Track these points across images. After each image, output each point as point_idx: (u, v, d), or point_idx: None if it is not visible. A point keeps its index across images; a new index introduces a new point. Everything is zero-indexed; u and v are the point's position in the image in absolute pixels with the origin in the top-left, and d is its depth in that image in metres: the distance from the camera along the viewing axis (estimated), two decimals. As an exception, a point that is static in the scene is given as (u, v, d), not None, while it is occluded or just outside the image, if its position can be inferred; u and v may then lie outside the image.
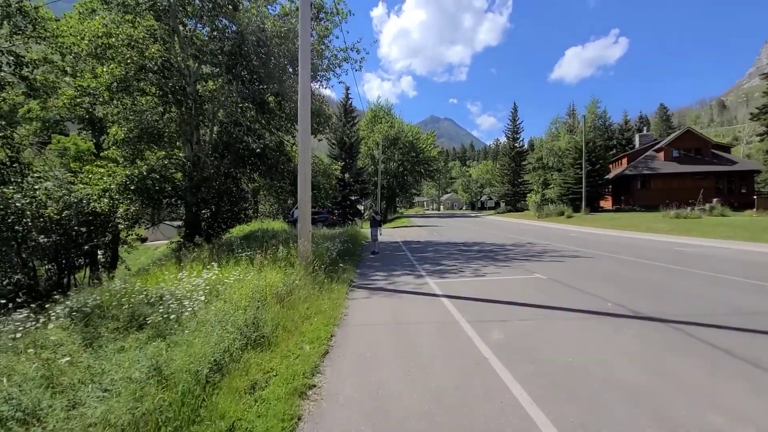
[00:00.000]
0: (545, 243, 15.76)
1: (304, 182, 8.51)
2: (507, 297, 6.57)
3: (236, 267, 8.14)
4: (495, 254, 12.40)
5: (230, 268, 8.19)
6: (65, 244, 15.44)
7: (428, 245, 16.22)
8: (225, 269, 8.29)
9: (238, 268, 8.02)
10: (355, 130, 40.55)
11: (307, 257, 8.29)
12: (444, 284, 7.85)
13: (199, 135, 16.83)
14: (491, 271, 9.29)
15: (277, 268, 7.73)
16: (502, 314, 5.53)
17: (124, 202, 16.09)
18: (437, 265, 10.53)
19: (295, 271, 7.55)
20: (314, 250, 9.27)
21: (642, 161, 40.30)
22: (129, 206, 16.66)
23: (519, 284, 7.68)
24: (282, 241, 10.89)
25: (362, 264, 11.19)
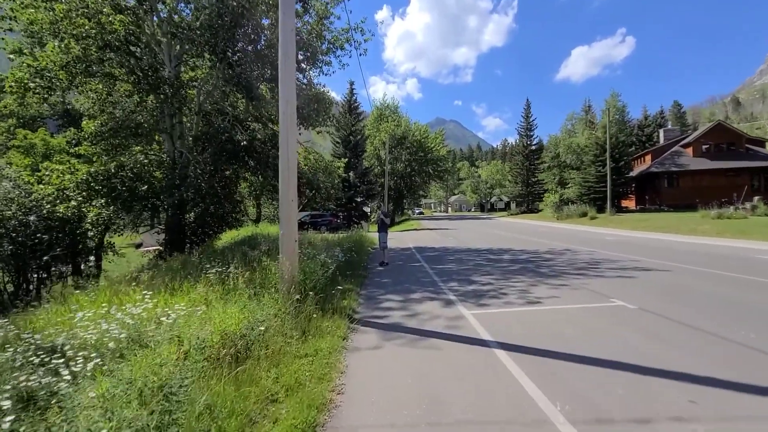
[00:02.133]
0: (587, 250, 13.20)
1: (287, 172, 6.12)
2: (601, 347, 4.10)
3: (188, 294, 5.77)
4: (536, 266, 9.90)
5: (181, 296, 5.82)
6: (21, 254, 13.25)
7: (447, 253, 13.75)
8: (177, 296, 5.94)
9: (189, 297, 5.67)
10: (360, 127, 38.20)
11: (291, 279, 5.89)
12: (487, 317, 5.39)
13: (183, 128, 14.61)
14: (544, 292, 6.80)
15: (244, 297, 5.35)
16: (629, 397, 3.05)
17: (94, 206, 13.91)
18: (467, 282, 8.06)
19: (270, 302, 5.17)
20: (304, 266, 6.87)
21: (668, 157, 37.42)
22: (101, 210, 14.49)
23: (601, 319, 5.20)
24: (266, 252, 8.52)
25: (368, 281, 8.76)
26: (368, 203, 38.08)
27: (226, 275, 6.86)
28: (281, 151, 6.18)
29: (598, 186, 36.74)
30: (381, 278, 9.04)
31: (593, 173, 37.40)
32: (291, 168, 6.18)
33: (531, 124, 54.18)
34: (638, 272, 8.58)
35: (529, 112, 54.27)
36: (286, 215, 6.14)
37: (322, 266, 7.51)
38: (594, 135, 39.10)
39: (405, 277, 8.98)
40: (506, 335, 4.58)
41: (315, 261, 7.54)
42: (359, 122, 38.41)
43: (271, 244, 10.99)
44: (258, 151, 12.91)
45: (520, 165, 54.49)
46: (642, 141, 51.39)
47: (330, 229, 28.82)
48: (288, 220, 6.14)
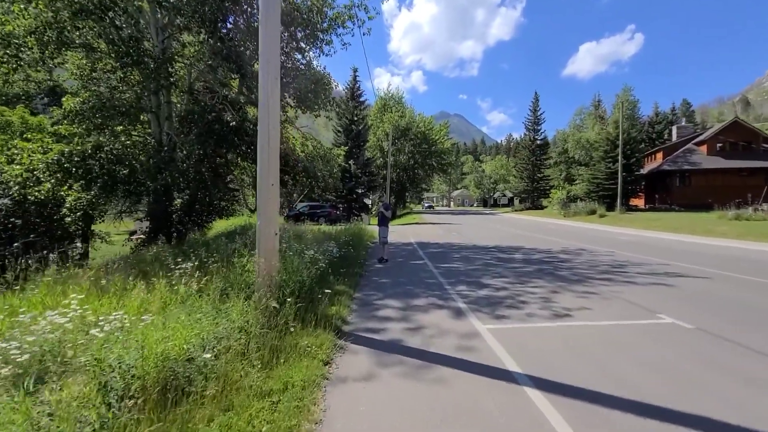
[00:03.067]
0: (605, 250, 12.11)
1: (268, 150, 5.02)
2: (677, 392, 3.03)
3: (141, 296, 4.73)
4: (554, 268, 8.81)
5: (131, 299, 4.77)
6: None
7: (452, 250, 12.67)
8: (127, 298, 4.90)
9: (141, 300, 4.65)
10: (362, 116, 36.88)
11: (268, 281, 4.84)
12: (508, 335, 4.32)
13: (171, 109, 13.51)
14: (572, 302, 5.73)
15: (208, 302, 4.32)
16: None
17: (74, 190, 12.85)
18: (478, 286, 6.98)
19: (239, 310, 4.13)
20: (287, 264, 5.81)
21: (681, 155, 36.12)
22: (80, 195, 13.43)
23: (657, 344, 4.12)
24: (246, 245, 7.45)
25: (365, 281, 7.70)
26: (369, 195, 36.94)
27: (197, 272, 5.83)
28: (260, 123, 5.08)
29: (607, 183, 35.53)
30: (379, 278, 7.98)
31: (603, 170, 36.17)
32: (272, 144, 5.08)
33: (539, 118, 52.71)
34: (673, 279, 7.49)
35: (537, 105, 52.78)
36: (264, 203, 5.05)
37: (309, 264, 6.45)
38: (605, 130, 37.78)
39: (406, 278, 7.91)
40: (538, 364, 3.52)
41: (301, 258, 6.47)
42: (362, 110, 37.06)
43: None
44: (249, 134, 11.78)
45: (525, 160, 53.14)
46: (652, 138, 50.02)
47: (329, 221, 27.74)
48: (266, 209, 5.05)
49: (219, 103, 11.86)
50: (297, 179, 14.97)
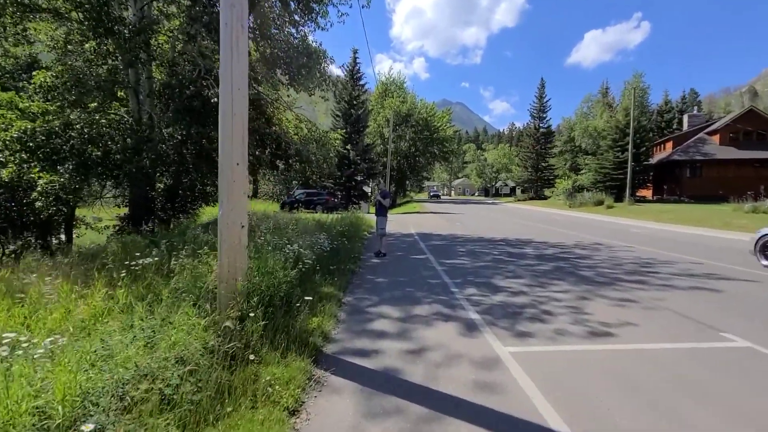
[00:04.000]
0: (623, 245, 11.06)
1: (231, 117, 3.93)
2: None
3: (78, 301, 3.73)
4: (573, 266, 7.75)
5: (61, 306, 3.76)
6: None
7: (456, 242, 11.62)
8: (54, 306, 3.89)
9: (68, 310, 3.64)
10: (362, 101, 35.43)
11: (231, 287, 3.81)
12: (539, 364, 3.29)
13: (152, 84, 12.33)
14: (608, 313, 4.68)
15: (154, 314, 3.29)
16: None
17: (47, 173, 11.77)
18: (490, 289, 5.94)
19: (190, 326, 3.11)
20: (261, 263, 4.76)
21: (692, 145, 34.86)
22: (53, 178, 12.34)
23: (745, 383, 3.08)
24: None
25: (358, 281, 6.65)
26: (369, 182, 35.78)
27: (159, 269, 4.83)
28: (222, 82, 3.99)
29: (615, 173, 34.37)
30: (375, 276, 6.93)
31: (611, 159, 34.96)
32: (238, 111, 3.98)
33: (544, 105, 51.13)
34: (716, 282, 6.45)
35: (543, 92, 51.12)
36: (227, 187, 3.97)
37: (291, 263, 5.40)
38: (614, 118, 36.41)
39: (407, 276, 6.87)
40: (589, 418, 2.49)
41: (282, 255, 5.42)
42: (362, 94, 35.60)
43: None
44: (233, 111, 10.63)
45: (529, 148, 51.76)
46: (661, 128, 48.66)
47: (326, 209, 26.65)
48: (231, 195, 3.97)
49: (200, 77, 10.66)
50: (290, 164, 13.84)
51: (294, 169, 14.84)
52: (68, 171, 11.45)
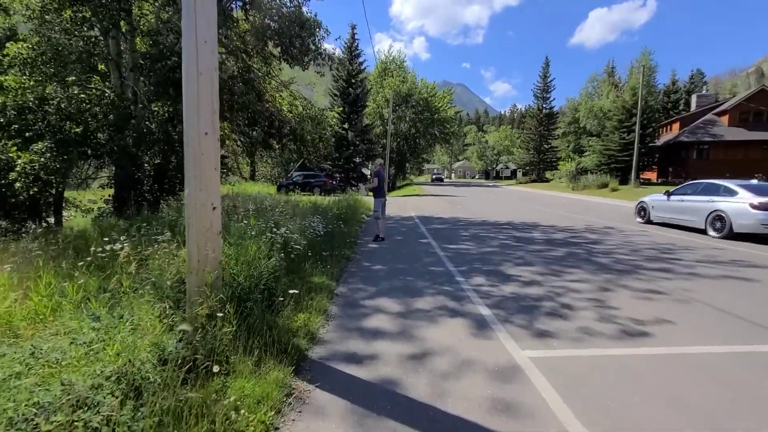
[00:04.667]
0: (636, 230, 10.47)
1: (197, 79, 3.26)
2: None
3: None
4: (588, 252, 7.15)
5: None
6: None
7: (459, 226, 11.02)
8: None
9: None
10: (361, 79, 34.23)
11: (199, 279, 3.23)
12: (569, 377, 2.73)
13: (135, 57, 11.49)
14: (636, 307, 4.12)
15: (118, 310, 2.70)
16: None
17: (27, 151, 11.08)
18: (499, 278, 5.36)
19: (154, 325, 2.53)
20: (241, 251, 4.16)
21: (701, 126, 33.91)
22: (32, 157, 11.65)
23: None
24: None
25: (353, 268, 6.07)
26: (368, 164, 34.98)
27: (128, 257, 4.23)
28: (185, 36, 3.30)
29: (620, 155, 33.54)
30: (372, 263, 6.35)
31: (616, 140, 34.05)
32: (204, 69, 3.31)
33: (548, 85, 49.72)
34: (747, 270, 5.88)
35: (547, 71, 49.63)
36: (194, 161, 3.33)
37: (278, 249, 4.81)
38: (620, 98, 35.30)
39: (407, 263, 6.28)
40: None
41: (268, 240, 4.81)
42: (360, 72, 34.37)
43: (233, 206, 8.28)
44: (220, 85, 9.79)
45: (532, 130, 50.63)
46: (667, 108, 47.42)
47: (323, 191, 25.99)
48: (198, 171, 3.33)
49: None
50: (284, 144, 13.11)
51: (289, 149, 14.11)
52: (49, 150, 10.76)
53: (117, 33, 10.93)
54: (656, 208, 11.50)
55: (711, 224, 9.55)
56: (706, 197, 9.89)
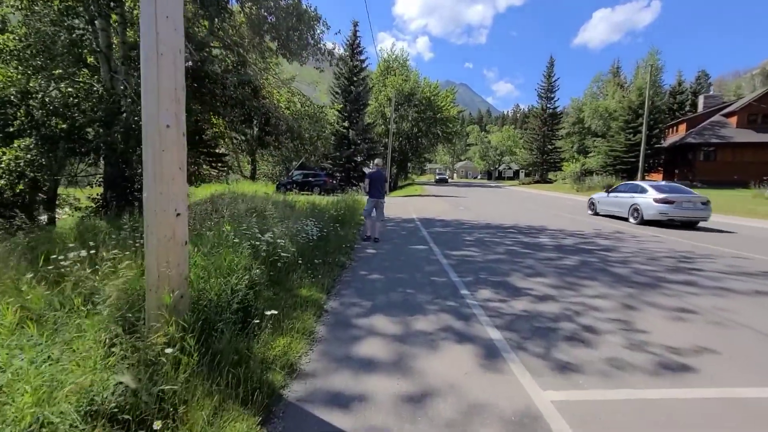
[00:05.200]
0: (648, 234, 9.92)
1: (156, 60, 2.74)
2: None
3: None
4: (602, 260, 6.61)
5: None
6: None
7: (462, 229, 10.49)
8: None
9: None
10: (363, 77, 33.69)
11: (157, 300, 2.71)
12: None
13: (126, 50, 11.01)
14: (669, 331, 3.58)
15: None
16: None
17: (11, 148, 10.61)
18: (508, 291, 4.82)
19: (97, 354, 1.98)
20: (216, 261, 3.66)
21: (708, 127, 33.30)
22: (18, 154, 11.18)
23: None
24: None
25: (347, 277, 5.54)
26: (369, 164, 34.45)
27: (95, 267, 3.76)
28: (142, 6, 2.78)
29: (626, 156, 32.97)
30: (369, 271, 5.82)
31: (622, 141, 33.48)
32: (166, 50, 2.80)
33: (552, 85, 49.06)
34: (781, 284, 5.33)
35: (551, 71, 48.97)
36: (153, 157, 2.82)
37: (258, 260, 4.29)
38: (627, 98, 34.70)
39: (406, 272, 5.75)
40: None
41: (246, 249, 4.29)
42: (362, 70, 33.80)
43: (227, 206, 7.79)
44: (212, 79, 9.29)
45: (536, 130, 49.98)
46: (673, 109, 46.74)
47: (324, 191, 25.50)
48: (158, 170, 2.82)
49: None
50: (280, 141, 12.61)
51: (286, 147, 13.60)
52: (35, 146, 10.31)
53: (107, 24, 10.44)
54: (600, 203, 14.32)
55: (631, 214, 12.35)
56: (630, 194, 12.74)
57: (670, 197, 11.34)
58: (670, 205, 11.23)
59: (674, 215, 11.25)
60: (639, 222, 11.92)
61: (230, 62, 10.84)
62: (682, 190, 12.10)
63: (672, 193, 11.56)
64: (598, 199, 14.58)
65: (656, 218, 11.45)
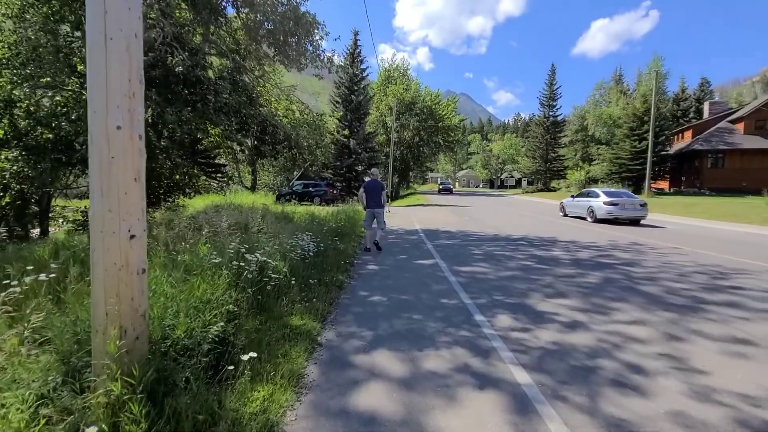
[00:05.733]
0: (668, 246, 9.30)
1: (104, 47, 2.21)
2: None
3: None
4: (628, 277, 5.98)
5: None
6: None
7: (469, 241, 9.89)
8: None
9: None
10: (363, 86, 33.41)
11: (101, 342, 2.12)
12: None
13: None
14: (732, 370, 2.96)
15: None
16: None
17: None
18: (529, 316, 4.22)
19: None
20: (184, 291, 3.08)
21: (716, 134, 32.78)
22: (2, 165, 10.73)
23: None
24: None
25: (347, 299, 4.94)
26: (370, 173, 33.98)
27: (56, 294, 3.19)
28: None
29: (631, 163, 32.41)
30: (370, 292, 5.23)
31: (627, 148, 32.95)
32: (117, 35, 2.25)
33: (555, 93, 48.78)
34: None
35: (553, 78, 48.74)
36: (100, 167, 2.26)
37: (241, 284, 3.72)
38: (631, 105, 34.28)
39: (411, 293, 5.15)
40: None
41: (224, 274, 3.72)
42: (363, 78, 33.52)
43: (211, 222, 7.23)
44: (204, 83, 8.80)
45: (539, 138, 49.58)
46: (677, 116, 46.30)
47: (325, 201, 24.98)
48: (106, 183, 2.25)
49: (164, 43, 8.85)
50: (277, 150, 12.11)
51: (284, 156, 13.10)
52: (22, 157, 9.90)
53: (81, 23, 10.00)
54: (568, 207, 17.21)
55: (588, 214, 15.09)
56: (587, 199, 15.60)
57: (615, 200, 14.14)
58: (616, 207, 13.96)
59: (618, 215, 13.93)
60: (594, 220, 14.66)
61: (225, 68, 10.38)
62: (626, 195, 15.17)
63: (617, 198, 14.36)
64: (566, 203, 17.49)
65: (605, 217, 14.11)
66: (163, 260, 3.85)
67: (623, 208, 13.93)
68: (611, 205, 13.94)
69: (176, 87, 8.75)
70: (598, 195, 14.90)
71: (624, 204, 14.00)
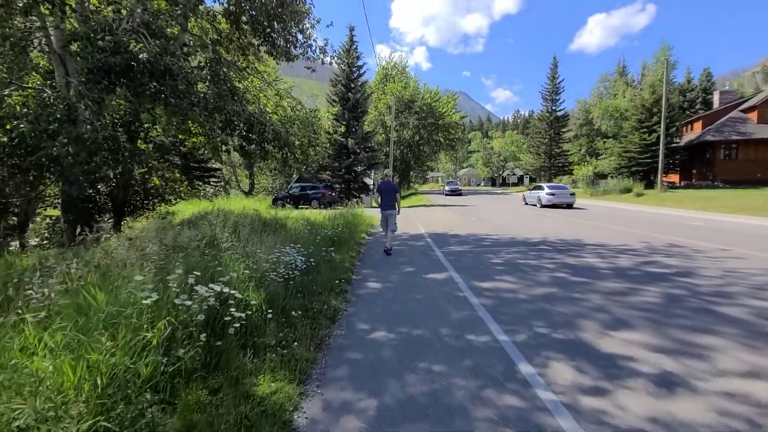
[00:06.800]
0: (711, 247, 8.07)
1: None
2: None
3: None
4: (691, 292, 4.76)
5: None
6: None
7: (483, 247, 8.67)
8: None
9: None
10: (361, 83, 32.25)
11: None
12: None
13: (65, 38, 9.43)
14: None
15: None
16: None
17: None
18: (600, 364, 3.02)
19: None
20: (77, 360, 1.86)
21: (728, 124, 31.50)
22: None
23: None
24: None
25: (339, 341, 3.73)
26: (370, 174, 32.80)
27: None
28: None
29: (641, 157, 31.14)
30: (371, 326, 4.02)
31: (636, 141, 31.66)
32: None
33: (557, 87, 47.55)
34: None
35: (555, 72, 47.50)
36: None
37: (190, 330, 2.51)
38: (639, 96, 33.02)
39: (425, 326, 3.94)
40: None
41: (158, 322, 2.50)
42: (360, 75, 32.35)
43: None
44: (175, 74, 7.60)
45: (542, 134, 48.33)
46: (684, 107, 44.98)
47: (323, 204, 23.76)
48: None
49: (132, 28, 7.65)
50: (265, 149, 10.92)
51: (273, 157, 11.91)
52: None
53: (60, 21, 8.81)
54: (526, 197, 23.14)
55: (537, 202, 20.82)
56: (537, 191, 21.52)
57: (553, 191, 20.36)
58: (553, 196, 20.05)
59: (555, 201, 19.86)
60: (540, 206, 20.36)
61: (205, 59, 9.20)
62: (561, 187, 21.58)
63: (555, 190, 20.57)
64: (525, 195, 23.66)
65: (547, 204, 19.99)
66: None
67: (559, 197, 19.98)
68: (551, 195, 20.02)
69: (143, 78, 7.54)
70: (542, 188, 21.13)
71: (559, 194, 20.15)
